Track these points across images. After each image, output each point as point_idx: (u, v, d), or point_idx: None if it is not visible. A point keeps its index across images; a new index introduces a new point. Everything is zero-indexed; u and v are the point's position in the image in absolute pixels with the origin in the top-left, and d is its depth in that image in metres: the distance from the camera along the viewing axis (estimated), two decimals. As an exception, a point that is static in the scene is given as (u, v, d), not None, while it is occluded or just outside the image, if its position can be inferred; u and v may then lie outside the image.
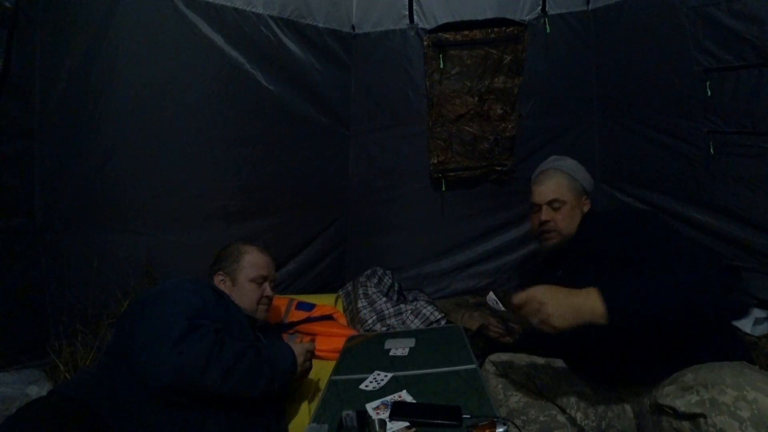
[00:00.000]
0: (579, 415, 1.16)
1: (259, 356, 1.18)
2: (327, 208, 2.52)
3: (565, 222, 1.34)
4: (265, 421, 1.21)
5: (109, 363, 1.13)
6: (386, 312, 2.04)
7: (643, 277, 0.99)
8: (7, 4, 1.47)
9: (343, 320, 2.06)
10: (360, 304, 2.09)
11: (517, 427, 1.07)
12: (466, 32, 2.28)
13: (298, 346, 1.33)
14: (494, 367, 1.37)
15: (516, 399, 1.25)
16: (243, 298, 1.41)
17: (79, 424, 0.97)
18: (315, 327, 1.87)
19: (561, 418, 1.18)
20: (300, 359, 1.30)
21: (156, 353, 1.03)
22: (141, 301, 1.18)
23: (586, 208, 1.39)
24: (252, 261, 1.47)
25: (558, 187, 1.37)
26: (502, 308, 1.22)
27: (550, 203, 1.36)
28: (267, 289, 1.47)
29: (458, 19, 2.28)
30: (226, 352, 1.10)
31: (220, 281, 1.43)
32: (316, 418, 1.17)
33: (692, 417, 0.84)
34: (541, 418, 1.18)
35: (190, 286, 1.22)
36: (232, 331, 1.22)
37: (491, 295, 1.25)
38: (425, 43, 2.29)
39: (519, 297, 0.99)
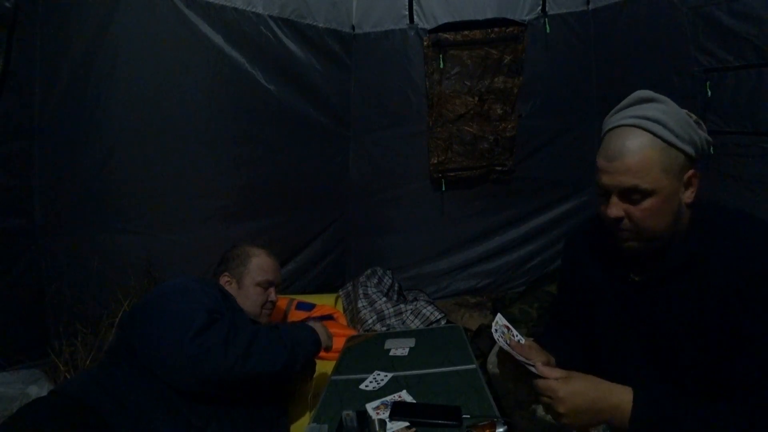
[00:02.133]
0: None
1: (275, 332, 1.21)
2: (327, 208, 2.52)
3: (651, 221, 0.80)
4: (268, 423, 1.21)
5: (111, 363, 1.12)
6: (386, 312, 2.04)
7: (702, 413, 0.75)
8: (7, 4, 1.47)
9: (343, 320, 2.06)
10: (360, 304, 2.09)
11: (518, 425, 1.07)
12: (466, 32, 2.28)
13: (315, 323, 1.36)
14: None
15: (526, 391, 1.20)
16: (247, 301, 1.40)
17: (80, 425, 0.97)
18: (315, 327, 1.87)
19: None
20: (320, 331, 1.32)
21: (178, 345, 1.04)
22: (149, 302, 1.18)
23: (691, 193, 0.82)
24: (259, 265, 1.46)
25: (643, 168, 0.78)
26: (517, 336, 0.94)
27: (624, 193, 0.81)
28: (272, 294, 1.47)
29: (458, 19, 2.28)
30: (242, 332, 1.12)
31: (226, 282, 1.43)
32: (316, 418, 1.17)
33: None
34: (548, 417, 1.16)
35: (197, 286, 1.22)
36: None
37: (500, 320, 0.92)
38: (425, 43, 2.29)
39: (541, 383, 0.83)
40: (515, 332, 0.94)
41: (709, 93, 1.82)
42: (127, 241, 1.88)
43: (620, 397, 0.79)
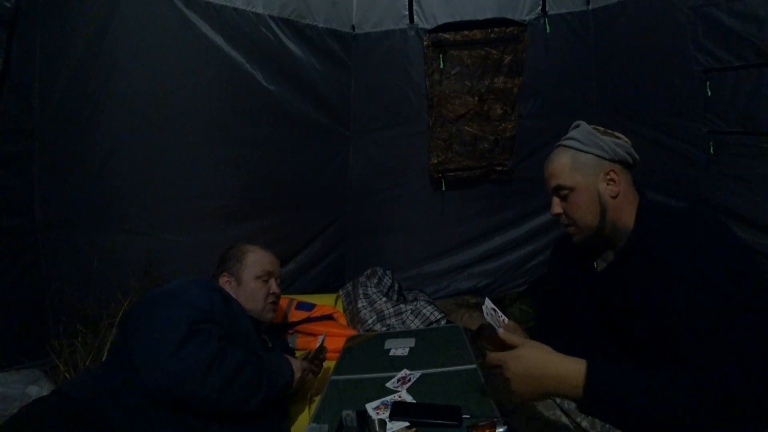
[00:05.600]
0: (585, 423, 1.15)
1: (258, 370, 1.16)
2: (327, 208, 2.52)
3: (578, 212, 1.04)
4: (268, 424, 1.21)
5: (112, 363, 1.12)
6: (386, 312, 2.04)
7: (650, 379, 0.82)
8: (7, 4, 1.47)
9: (343, 320, 2.06)
10: (360, 304, 2.09)
11: (515, 426, 1.07)
12: (466, 32, 2.28)
13: (297, 362, 1.31)
14: None
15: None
16: (249, 297, 1.39)
17: (81, 425, 0.97)
18: (315, 327, 1.87)
19: (565, 420, 1.17)
20: (297, 374, 1.29)
21: (156, 357, 1.02)
22: (146, 301, 1.17)
23: (613, 188, 1.02)
24: (255, 258, 1.46)
25: (559, 170, 1.06)
26: (502, 317, 1.06)
27: (555, 191, 1.08)
28: (273, 285, 1.46)
29: (458, 19, 2.28)
30: (227, 362, 1.08)
31: (226, 282, 1.42)
32: (316, 418, 1.17)
33: None
34: (546, 416, 1.17)
35: (195, 288, 1.20)
36: (237, 336, 1.20)
37: (488, 303, 1.07)
38: (425, 43, 2.29)
39: (493, 357, 0.93)
40: (500, 313, 1.07)
41: (709, 93, 1.82)
42: (127, 241, 1.88)
43: (569, 366, 0.85)
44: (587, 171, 1.03)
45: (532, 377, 0.86)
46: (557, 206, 1.08)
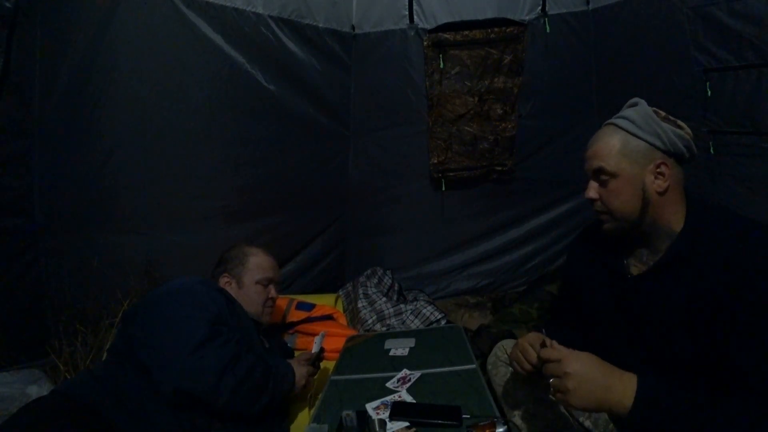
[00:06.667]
0: (588, 423, 1.15)
1: (266, 374, 1.17)
2: (327, 208, 2.52)
3: (616, 202, 0.93)
4: (269, 424, 1.21)
5: (114, 363, 1.12)
6: (386, 312, 2.04)
7: (706, 404, 0.78)
8: (7, 4, 1.46)
9: (343, 320, 2.06)
10: (360, 304, 2.09)
11: (516, 425, 1.07)
12: (466, 32, 2.28)
13: (301, 369, 1.32)
14: (506, 355, 1.24)
15: (525, 392, 1.18)
16: (249, 300, 1.40)
17: (82, 425, 0.96)
18: (315, 327, 1.87)
19: (568, 418, 1.17)
20: (300, 382, 1.30)
21: (175, 355, 1.03)
22: (152, 301, 1.17)
23: (660, 182, 0.91)
24: (258, 263, 1.47)
25: (605, 151, 0.93)
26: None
27: (595, 174, 0.96)
28: (272, 291, 1.47)
29: (458, 19, 2.28)
30: (240, 366, 1.09)
31: (226, 283, 1.43)
32: (316, 418, 1.17)
33: None
34: (549, 416, 1.16)
35: (203, 289, 1.21)
36: (241, 338, 1.21)
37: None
38: (425, 43, 2.29)
39: (550, 352, 0.87)
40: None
41: (709, 93, 1.82)
42: (127, 241, 1.88)
43: (628, 377, 0.81)
44: (636, 159, 0.91)
45: (592, 382, 0.81)
46: (593, 190, 0.96)
